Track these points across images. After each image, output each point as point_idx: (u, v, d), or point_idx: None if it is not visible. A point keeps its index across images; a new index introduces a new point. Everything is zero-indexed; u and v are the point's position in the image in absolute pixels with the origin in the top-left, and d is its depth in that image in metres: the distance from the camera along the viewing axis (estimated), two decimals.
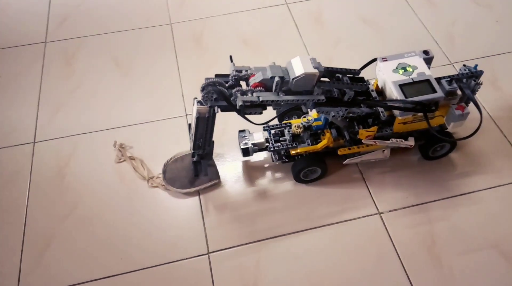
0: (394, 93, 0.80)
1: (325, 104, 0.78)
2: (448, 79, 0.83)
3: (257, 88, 0.75)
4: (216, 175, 0.95)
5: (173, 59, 1.22)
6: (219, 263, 0.84)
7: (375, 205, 0.91)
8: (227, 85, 0.77)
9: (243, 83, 0.78)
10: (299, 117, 0.99)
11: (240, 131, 0.95)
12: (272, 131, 0.94)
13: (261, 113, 0.77)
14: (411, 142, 0.88)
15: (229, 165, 0.99)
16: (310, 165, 0.90)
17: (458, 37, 1.23)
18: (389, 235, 0.86)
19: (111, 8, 1.37)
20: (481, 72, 0.85)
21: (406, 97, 0.79)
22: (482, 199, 0.91)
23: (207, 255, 0.85)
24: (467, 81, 0.84)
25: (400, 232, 0.87)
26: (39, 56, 1.25)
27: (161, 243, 0.87)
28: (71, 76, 1.19)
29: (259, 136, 0.93)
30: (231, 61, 0.80)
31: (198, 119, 0.78)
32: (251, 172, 0.97)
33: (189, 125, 0.91)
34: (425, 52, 0.86)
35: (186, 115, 1.09)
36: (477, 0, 1.34)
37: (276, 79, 0.73)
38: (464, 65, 0.86)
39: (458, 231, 0.86)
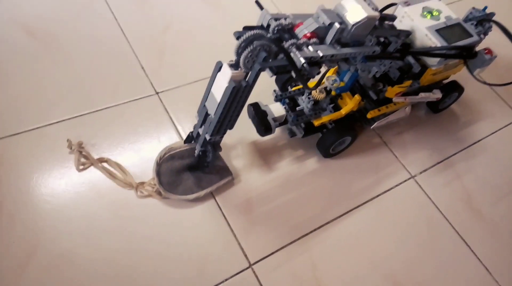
0: (432, 39, 0.71)
1: (375, 57, 0.65)
2: (474, 22, 0.78)
3: (311, 40, 0.56)
4: (227, 170, 0.73)
5: (110, 17, 0.90)
6: (268, 273, 0.65)
7: (406, 169, 0.83)
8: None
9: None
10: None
11: (251, 105, 0.74)
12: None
13: (313, 77, 0.58)
14: (438, 94, 0.81)
15: (235, 151, 0.78)
16: (342, 135, 0.76)
17: None
18: (429, 198, 0.80)
19: None
20: (493, 14, 0.81)
21: (448, 43, 0.70)
22: (490, 145, 0.90)
23: (250, 269, 0.65)
24: (481, 24, 0.81)
25: (438, 192, 0.80)
26: None
27: (184, 270, 0.63)
28: None
29: (277, 108, 0.74)
30: (260, 7, 0.58)
31: (231, 91, 0.56)
32: (264, 154, 0.78)
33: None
34: None
35: (157, 93, 0.82)
36: None
37: (336, 26, 0.56)
38: (473, 8, 0.82)
39: (484, 181, 0.84)
